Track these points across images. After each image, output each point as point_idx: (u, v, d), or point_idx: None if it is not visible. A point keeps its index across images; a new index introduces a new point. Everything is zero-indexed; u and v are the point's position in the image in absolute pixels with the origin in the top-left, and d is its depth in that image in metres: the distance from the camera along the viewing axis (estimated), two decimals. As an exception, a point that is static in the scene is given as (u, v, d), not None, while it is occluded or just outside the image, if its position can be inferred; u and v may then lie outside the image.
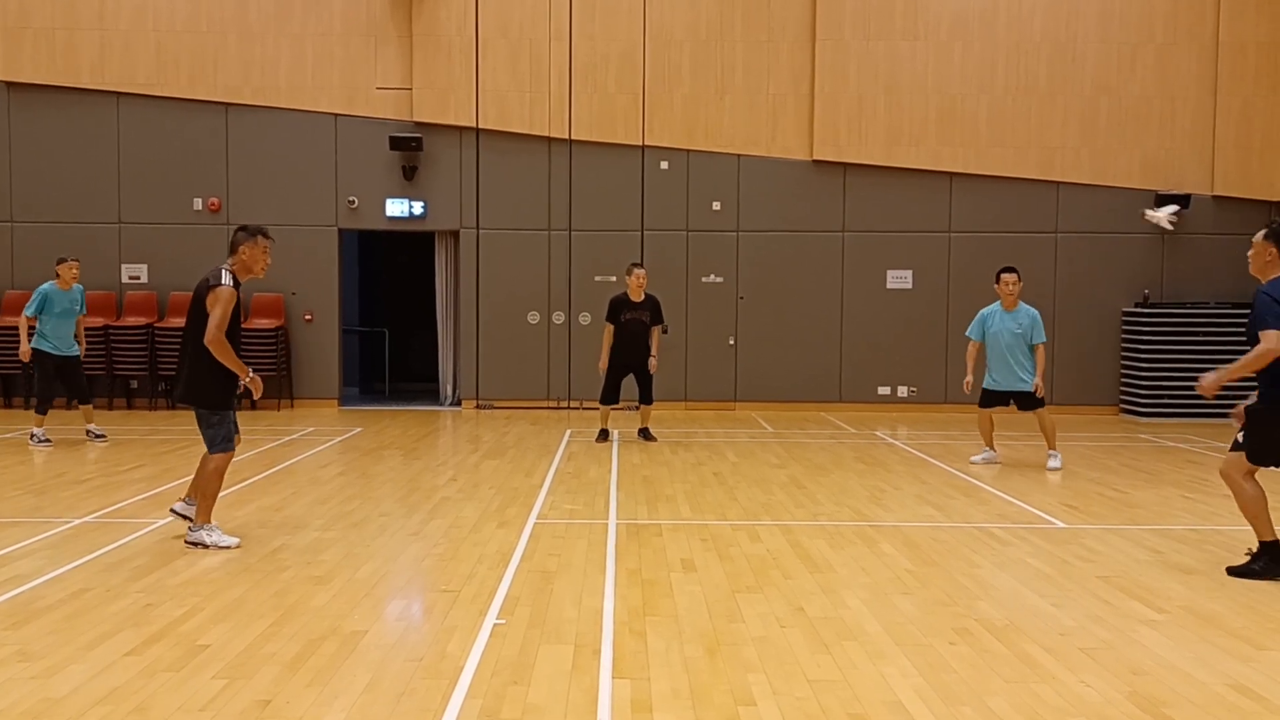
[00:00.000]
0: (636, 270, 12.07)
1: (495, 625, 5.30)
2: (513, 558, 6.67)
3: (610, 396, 12.04)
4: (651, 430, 12.36)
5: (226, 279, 6.78)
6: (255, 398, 6.99)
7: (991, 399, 10.69)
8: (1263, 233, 6.62)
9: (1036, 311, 10.62)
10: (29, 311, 11.49)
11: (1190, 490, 9.36)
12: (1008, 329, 10.52)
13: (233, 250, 6.96)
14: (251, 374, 6.85)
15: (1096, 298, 15.51)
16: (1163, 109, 15.37)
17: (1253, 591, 6.09)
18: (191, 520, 6.97)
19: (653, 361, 11.94)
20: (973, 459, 10.80)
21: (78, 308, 11.78)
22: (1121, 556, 6.89)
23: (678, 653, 4.91)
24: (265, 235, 7.02)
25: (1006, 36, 15.31)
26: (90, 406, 11.92)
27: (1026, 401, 10.57)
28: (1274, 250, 6.50)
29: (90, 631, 5.12)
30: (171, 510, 7.25)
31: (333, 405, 15.43)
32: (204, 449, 6.98)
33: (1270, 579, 6.28)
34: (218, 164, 15.25)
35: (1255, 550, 6.41)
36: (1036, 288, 15.43)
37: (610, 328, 11.92)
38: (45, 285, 11.60)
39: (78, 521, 7.55)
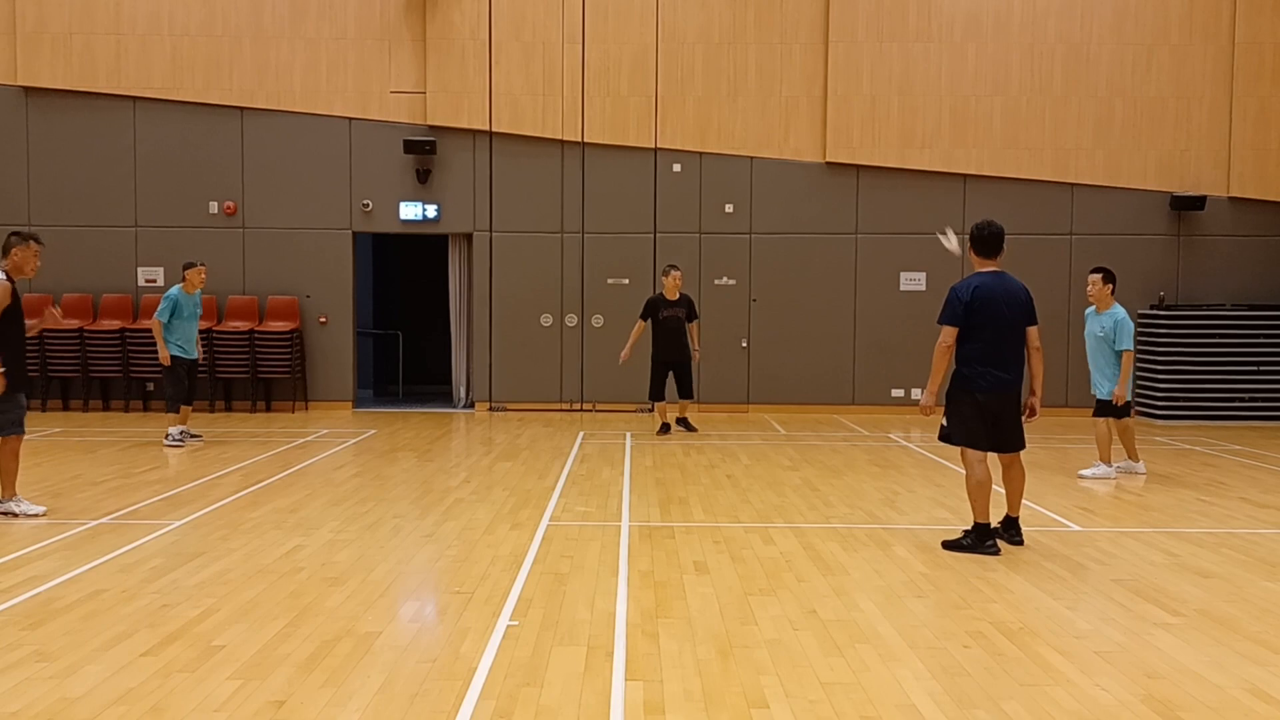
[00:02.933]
0: (674, 271, 12.92)
1: (508, 627, 5.31)
2: (526, 559, 6.68)
3: (658, 393, 12.90)
4: (690, 421, 13.20)
5: None
6: None
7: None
8: (968, 235, 7.33)
9: (1123, 314, 9.85)
10: (161, 317, 11.73)
11: (1206, 493, 9.30)
12: (1093, 331, 10.01)
13: (5, 253, 7.88)
14: None
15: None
16: (1178, 110, 15.31)
17: (1269, 595, 6.06)
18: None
19: (695, 354, 12.86)
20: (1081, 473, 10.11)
21: (199, 311, 12.07)
22: (1137, 559, 6.86)
23: (690, 655, 4.91)
24: (37, 241, 8.00)
25: (1020, 38, 15.27)
26: (190, 409, 12.05)
27: (1098, 407, 9.96)
28: (972, 251, 7.28)
29: (106, 632, 5.15)
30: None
31: (347, 407, 15.49)
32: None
33: (977, 552, 6.91)
34: (233, 168, 15.33)
35: (969, 528, 7.09)
36: (1050, 289, 15.40)
37: (641, 324, 12.86)
38: (173, 290, 11.87)
39: (94, 523, 7.59)
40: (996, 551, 6.94)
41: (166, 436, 11.63)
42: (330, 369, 15.50)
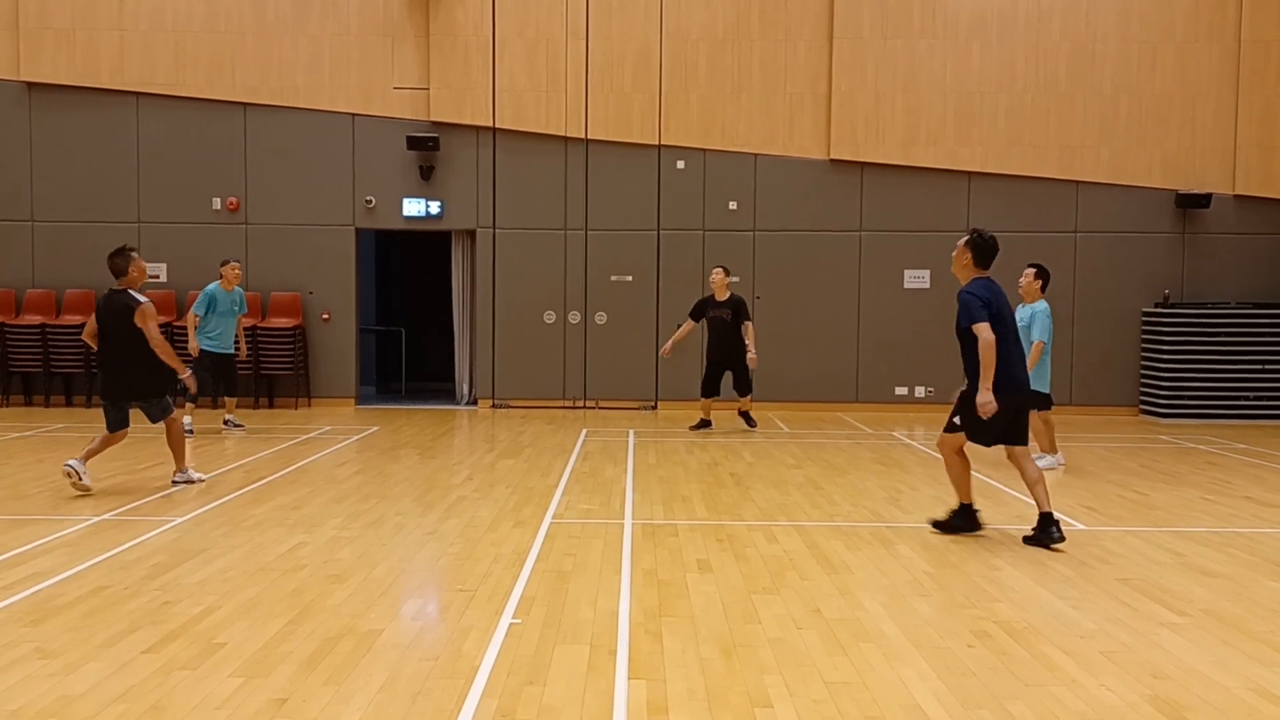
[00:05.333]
0: (714, 271, 12.99)
1: (511, 625, 5.29)
2: (528, 557, 6.66)
3: (710, 390, 12.89)
4: (751, 415, 13.16)
5: None
6: None
7: None
8: (964, 239, 7.25)
9: (1044, 307, 10.32)
10: (198, 311, 12.33)
11: (1211, 492, 9.28)
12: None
13: (124, 271, 8.69)
14: None
15: (1116, 298, 15.41)
16: (1183, 108, 15.26)
17: (1275, 595, 6.03)
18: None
19: (751, 356, 12.52)
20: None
21: (238, 308, 12.51)
22: (1141, 559, 6.83)
23: (694, 654, 4.89)
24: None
25: (1025, 35, 15.22)
26: (234, 400, 12.83)
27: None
28: (969, 256, 7.19)
29: (108, 629, 5.14)
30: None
31: (349, 404, 15.48)
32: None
33: (965, 533, 7.29)
34: (236, 164, 15.32)
35: (955, 509, 7.44)
36: (1056, 287, 15.22)
37: (689, 323, 13.04)
38: (211, 286, 12.49)
39: (96, 519, 7.58)
40: (1063, 537, 7.00)
41: (224, 422, 12.53)
42: (333, 365, 15.49)
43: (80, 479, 8.29)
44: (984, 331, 6.91)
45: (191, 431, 12.02)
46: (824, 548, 7.02)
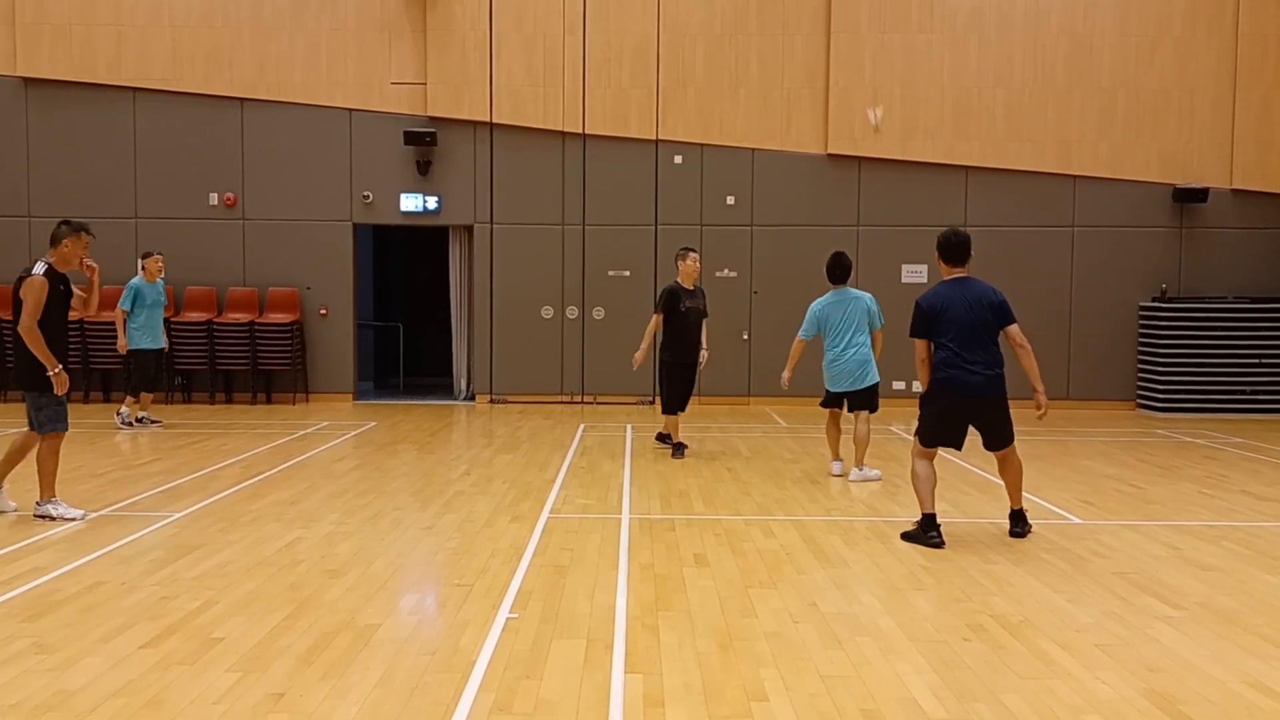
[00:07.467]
0: (691, 254, 10.73)
1: (508, 620, 5.30)
2: (526, 552, 6.68)
3: (679, 403, 10.58)
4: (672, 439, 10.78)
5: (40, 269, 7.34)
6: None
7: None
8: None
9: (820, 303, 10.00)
10: (124, 306, 12.19)
11: (1208, 486, 9.29)
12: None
13: (54, 243, 7.61)
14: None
15: (1114, 292, 15.41)
16: (1181, 102, 15.26)
17: (1270, 589, 6.05)
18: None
19: (704, 355, 10.58)
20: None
21: (163, 299, 12.43)
22: (1138, 552, 6.84)
23: (690, 648, 4.91)
24: (88, 232, 7.73)
25: (1023, 30, 15.22)
26: (151, 396, 12.65)
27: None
28: (937, 255, 7.23)
29: (106, 624, 5.15)
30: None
31: (347, 399, 15.48)
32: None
33: (920, 542, 6.94)
34: (233, 159, 15.31)
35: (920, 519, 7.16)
36: (1053, 282, 15.39)
37: (656, 318, 10.57)
38: (134, 279, 12.31)
39: (94, 515, 7.58)
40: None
41: (118, 415, 12.31)
42: (331, 361, 15.49)
43: (59, 517, 7.30)
44: (916, 348, 7.14)
45: (134, 425, 12.18)
46: (821, 542, 7.03)
